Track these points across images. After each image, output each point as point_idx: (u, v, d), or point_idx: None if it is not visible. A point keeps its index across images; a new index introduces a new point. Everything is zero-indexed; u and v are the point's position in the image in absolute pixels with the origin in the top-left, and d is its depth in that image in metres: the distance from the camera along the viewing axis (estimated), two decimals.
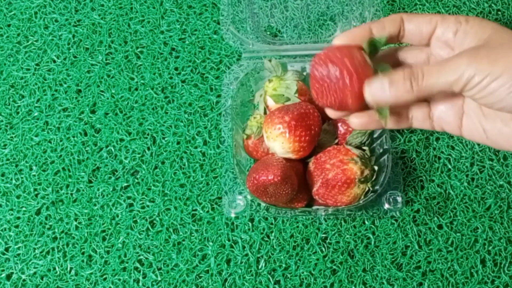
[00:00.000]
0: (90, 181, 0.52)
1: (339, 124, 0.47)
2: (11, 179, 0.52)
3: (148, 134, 0.53)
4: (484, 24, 0.32)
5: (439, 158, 0.52)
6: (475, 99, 0.31)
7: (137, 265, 0.49)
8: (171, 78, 0.56)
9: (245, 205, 0.44)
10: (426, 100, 0.36)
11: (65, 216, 0.51)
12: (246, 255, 0.49)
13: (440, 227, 0.50)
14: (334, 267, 0.48)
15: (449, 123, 0.35)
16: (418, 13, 0.38)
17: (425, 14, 0.35)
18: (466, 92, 0.31)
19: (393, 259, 0.49)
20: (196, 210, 0.50)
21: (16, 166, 0.53)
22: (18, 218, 0.51)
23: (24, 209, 0.51)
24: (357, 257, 0.49)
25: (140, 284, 0.48)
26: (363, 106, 0.33)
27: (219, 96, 0.55)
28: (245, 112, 0.49)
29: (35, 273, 0.49)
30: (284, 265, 0.49)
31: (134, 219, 0.50)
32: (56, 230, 0.50)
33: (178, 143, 0.53)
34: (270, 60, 0.47)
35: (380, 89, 0.32)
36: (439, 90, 0.31)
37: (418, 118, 0.36)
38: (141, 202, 0.51)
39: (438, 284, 0.48)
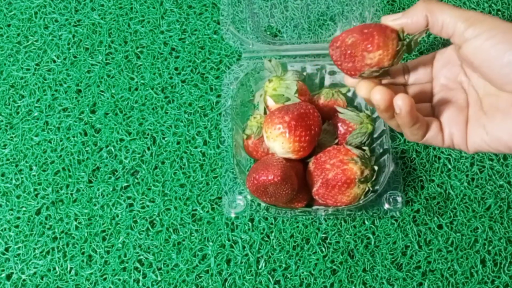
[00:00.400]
0: (90, 181, 0.52)
1: (339, 124, 0.47)
2: (11, 179, 0.52)
3: (148, 134, 0.53)
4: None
5: (439, 158, 0.52)
6: (471, 59, 0.33)
7: (137, 265, 0.49)
8: (171, 78, 0.56)
9: (245, 205, 0.44)
10: (436, 116, 0.37)
11: (65, 216, 0.51)
12: (246, 255, 0.49)
13: (440, 227, 0.50)
14: (334, 267, 0.48)
15: (457, 131, 0.36)
16: (444, 5, 0.34)
17: (451, 6, 0.34)
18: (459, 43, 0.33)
19: (393, 259, 0.49)
20: (196, 210, 0.50)
21: (16, 166, 0.53)
22: (18, 218, 0.51)
23: (24, 209, 0.51)
24: (357, 257, 0.49)
25: (140, 284, 0.48)
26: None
27: (219, 96, 0.55)
28: (245, 112, 0.49)
29: (35, 273, 0.49)
30: (284, 265, 0.49)
31: (134, 219, 0.50)
32: (56, 230, 0.50)
33: (178, 143, 0.53)
34: (270, 60, 0.47)
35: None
36: None
37: (431, 134, 0.37)
38: (141, 202, 0.51)
39: (438, 284, 0.48)
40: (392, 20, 0.36)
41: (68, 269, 0.49)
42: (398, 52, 0.35)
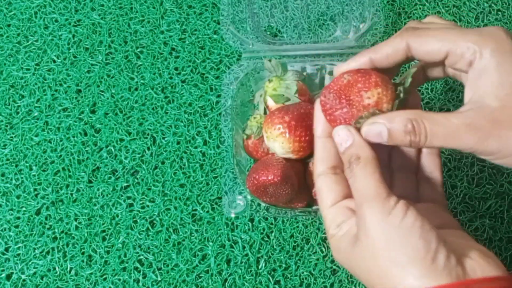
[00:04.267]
0: (90, 181, 0.52)
1: None
2: (11, 179, 0.52)
3: (148, 134, 0.53)
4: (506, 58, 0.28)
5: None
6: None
7: (137, 265, 0.49)
8: (171, 78, 0.56)
9: (245, 205, 0.44)
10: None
11: (65, 216, 0.51)
12: (246, 255, 0.49)
13: None
14: (334, 267, 0.48)
15: None
16: (426, 35, 0.30)
17: (433, 37, 0.30)
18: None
19: None
20: (196, 210, 0.50)
21: (16, 166, 0.53)
22: (18, 218, 0.51)
23: (24, 209, 0.51)
24: None
25: (140, 284, 0.48)
26: None
27: (219, 96, 0.55)
28: (245, 112, 0.49)
29: (35, 273, 0.49)
30: (284, 265, 0.49)
31: (134, 219, 0.50)
32: (56, 230, 0.50)
33: (178, 143, 0.53)
34: (270, 60, 0.47)
35: (377, 135, 0.31)
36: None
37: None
38: (141, 202, 0.51)
39: None
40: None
41: (68, 269, 0.49)
42: (397, 95, 0.33)
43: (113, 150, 0.53)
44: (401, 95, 0.33)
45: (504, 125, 0.28)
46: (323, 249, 0.49)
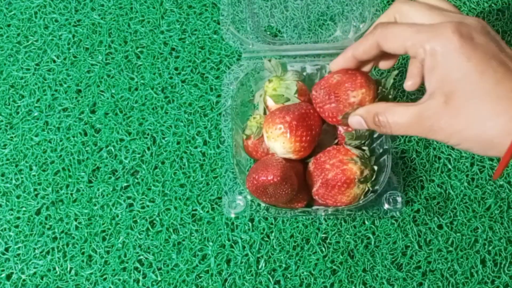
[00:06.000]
0: (90, 181, 0.52)
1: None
2: (11, 179, 0.52)
3: (148, 134, 0.53)
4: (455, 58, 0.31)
5: (439, 158, 0.52)
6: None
7: (137, 265, 0.49)
8: (171, 78, 0.56)
9: (245, 205, 0.44)
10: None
11: (65, 216, 0.51)
12: (246, 255, 0.49)
13: (440, 227, 0.50)
14: (334, 267, 0.48)
15: None
16: (390, 33, 0.34)
17: (394, 36, 0.34)
18: None
19: (393, 259, 0.49)
20: (196, 210, 0.51)
21: (16, 166, 0.53)
22: (18, 218, 0.51)
23: (24, 209, 0.51)
24: (357, 257, 0.49)
25: (140, 284, 0.48)
26: None
27: (219, 96, 0.55)
28: (245, 112, 0.49)
29: (35, 273, 0.49)
30: (284, 265, 0.49)
31: (134, 219, 0.50)
32: (56, 230, 0.50)
33: (178, 143, 0.53)
34: (270, 60, 0.47)
35: (358, 123, 0.38)
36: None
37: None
38: (141, 202, 0.51)
39: (438, 284, 0.48)
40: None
41: (68, 269, 0.49)
42: (378, 94, 0.39)
43: (113, 150, 0.53)
44: (384, 93, 0.40)
45: (445, 119, 0.31)
46: (323, 249, 0.49)
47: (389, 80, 0.40)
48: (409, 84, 0.38)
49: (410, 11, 0.35)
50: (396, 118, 0.34)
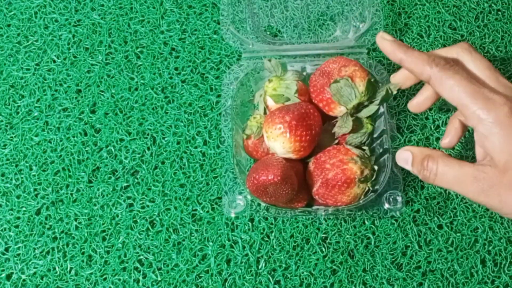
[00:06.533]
0: (90, 181, 0.52)
1: None
2: (11, 179, 0.52)
3: (148, 134, 0.53)
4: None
5: None
6: None
7: (137, 265, 0.49)
8: (171, 78, 0.56)
9: (245, 205, 0.44)
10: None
11: (65, 216, 0.51)
12: (246, 255, 0.49)
13: (440, 227, 0.50)
14: (334, 267, 0.48)
15: None
16: (450, 84, 0.36)
17: (451, 90, 0.35)
18: None
19: (393, 259, 0.49)
20: (196, 210, 0.50)
21: (16, 166, 0.53)
22: (18, 218, 0.51)
23: (24, 209, 0.51)
24: (357, 257, 0.49)
25: (140, 284, 0.48)
26: None
27: (219, 96, 0.55)
28: (245, 112, 0.49)
29: (35, 273, 0.49)
30: (284, 265, 0.49)
31: (134, 219, 0.50)
32: (56, 230, 0.50)
33: (178, 143, 0.53)
34: (270, 60, 0.47)
35: (403, 160, 0.39)
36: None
37: None
38: (141, 202, 0.51)
39: (438, 284, 0.48)
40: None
41: (68, 269, 0.49)
42: (373, 86, 0.42)
43: (113, 150, 0.53)
44: (381, 92, 0.42)
45: (503, 187, 0.33)
46: (323, 249, 0.49)
47: (388, 88, 0.43)
48: (446, 142, 0.40)
49: (469, 63, 0.37)
50: (447, 169, 0.35)
